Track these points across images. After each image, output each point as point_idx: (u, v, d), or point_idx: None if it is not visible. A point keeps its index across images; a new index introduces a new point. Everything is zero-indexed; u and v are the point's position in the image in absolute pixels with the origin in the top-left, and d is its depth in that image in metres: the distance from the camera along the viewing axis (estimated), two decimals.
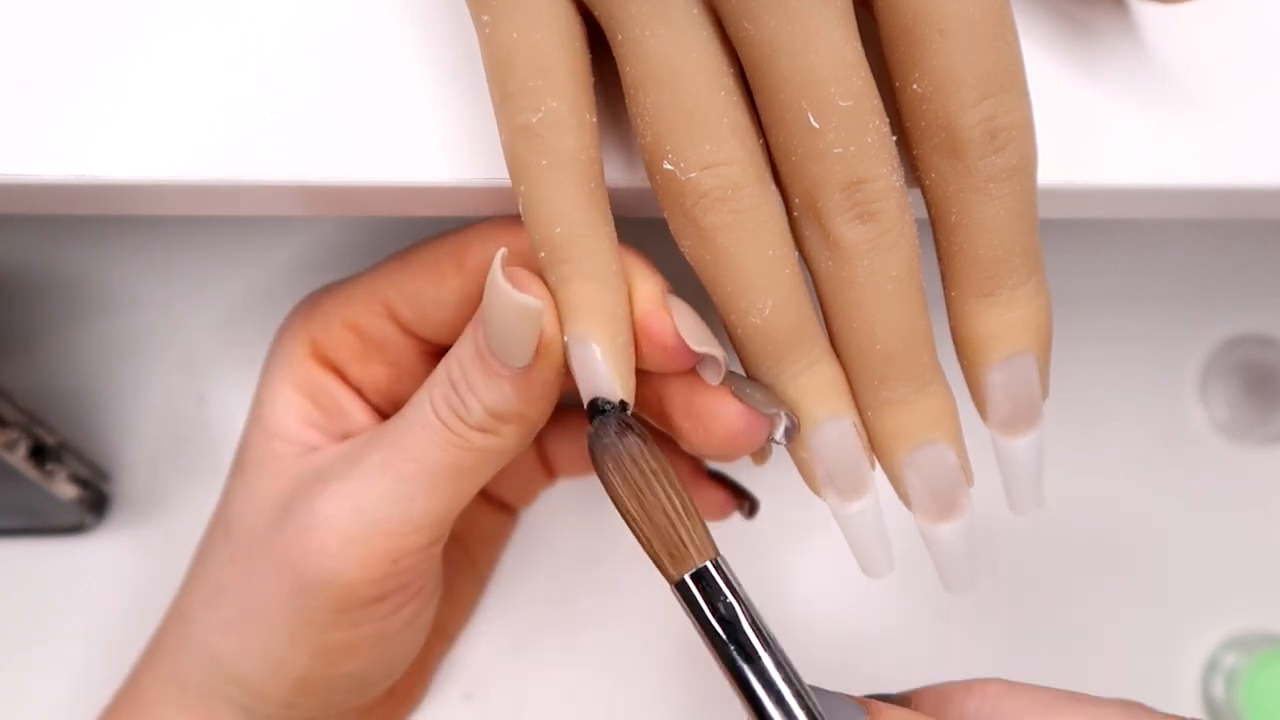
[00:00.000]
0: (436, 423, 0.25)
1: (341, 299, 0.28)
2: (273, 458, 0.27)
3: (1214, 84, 0.27)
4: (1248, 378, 0.42)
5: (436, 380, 0.25)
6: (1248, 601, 0.40)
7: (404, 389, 0.28)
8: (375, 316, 0.28)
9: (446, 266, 0.27)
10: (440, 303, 0.27)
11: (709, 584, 0.22)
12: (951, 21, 0.22)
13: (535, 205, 0.22)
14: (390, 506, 0.25)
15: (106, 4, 0.24)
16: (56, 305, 0.38)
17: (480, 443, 0.25)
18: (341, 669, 0.27)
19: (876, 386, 0.23)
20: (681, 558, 0.22)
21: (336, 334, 0.28)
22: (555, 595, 0.38)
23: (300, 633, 0.26)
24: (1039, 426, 0.24)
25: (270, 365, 0.29)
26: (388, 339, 0.28)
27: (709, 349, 0.23)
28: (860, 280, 0.22)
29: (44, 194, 0.24)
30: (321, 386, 0.28)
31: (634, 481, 0.23)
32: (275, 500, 0.27)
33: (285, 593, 0.26)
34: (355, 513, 0.25)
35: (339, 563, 0.25)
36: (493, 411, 0.24)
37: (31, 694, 0.36)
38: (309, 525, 0.25)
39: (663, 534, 0.22)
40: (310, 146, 0.24)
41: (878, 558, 0.25)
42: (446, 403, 0.24)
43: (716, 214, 0.22)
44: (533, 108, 0.22)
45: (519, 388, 0.24)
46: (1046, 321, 0.24)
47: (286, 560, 0.26)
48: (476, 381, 0.24)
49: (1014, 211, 0.23)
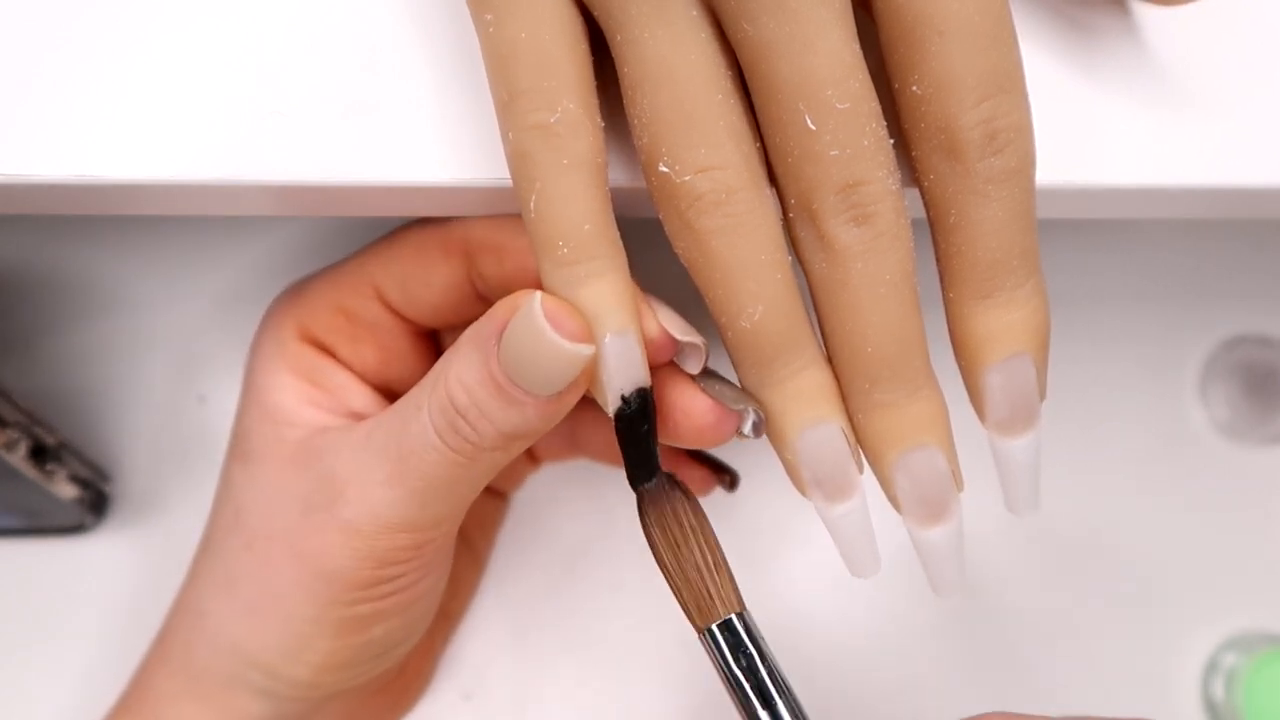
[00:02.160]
0: (443, 447, 0.24)
1: (328, 284, 0.28)
2: (280, 443, 0.27)
3: (1214, 84, 0.27)
4: (1248, 378, 0.42)
5: (437, 404, 0.24)
6: (1248, 601, 0.40)
7: (393, 370, 0.29)
8: (363, 299, 0.28)
9: (434, 251, 0.27)
10: (428, 285, 0.27)
11: (731, 635, 0.24)
12: (951, 23, 0.22)
13: (555, 203, 0.22)
14: (405, 513, 0.25)
15: (106, 4, 0.24)
16: (56, 305, 0.38)
17: (490, 460, 0.25)
18: (366, 635, 0.27)
19: (868, 389, 0.23)
20: (708, 610, 0.24)
21: (325, 317, 0.28)
22: (555, 595, 0.38)
23: (324, 610, 0.26)
24: (1036, 427, 0.24)
25: (259, 353, 0.29)
26: (377, 320, 0.28)
27: (691, 337, 0.24)
28: (854, 282, 0.22)
29: (44, 194, 0.24)
30: (316, 366, 0.28)
31: (673, 536, 0.24)
32: (290, 494, 0.27)
33: (308, 577, 0.26)
34: (371, 517, 0.25)
35: (362, 554, 0.26)
36: (508, 434, 0.24)
37: (32, 694, 0.36)
38: (329, 524, 0.26)
39: (693, 587, 0.24)
40: (310, 146, 0.24)
41: (864, 558, 0.25)
42: (453, 429, 0.24)
43: (710, 218, 0.22)
44: (548, 108, 0.22)
45: (544, 412, 0.24)
46: (1044, 323, 0.24)
47: (308, 551, 0.26)
48: (492, 409, 0.24)
49: (1012, 213, 0.23)
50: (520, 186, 0.22)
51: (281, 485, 0.27)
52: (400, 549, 0.26)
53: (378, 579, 0.26)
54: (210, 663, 0.28)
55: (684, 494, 0.25)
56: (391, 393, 0.30)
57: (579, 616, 0.38)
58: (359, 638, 0.27)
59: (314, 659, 0.27)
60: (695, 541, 0.24)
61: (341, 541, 0.26)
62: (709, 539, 0.24)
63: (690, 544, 0.24)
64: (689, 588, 0.24)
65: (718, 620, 0.24)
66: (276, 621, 0.27)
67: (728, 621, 0.24)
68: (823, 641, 0.38)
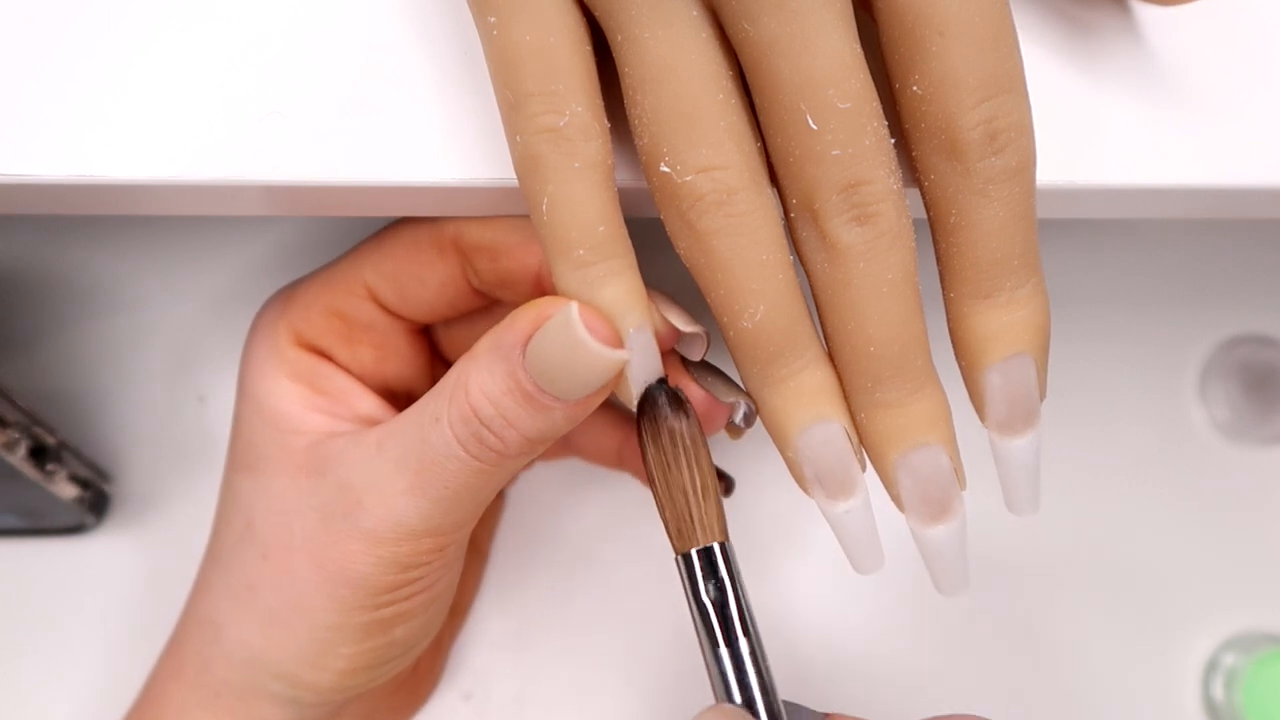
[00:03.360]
0: (468, 458, 0.24)
1: (318, 286, 0.28)
2: (287, 451, 0.27)
3: (1214, 84, 0.27)
4: (1248, 378, 0.42)
5: (459, 414, 0.24)
6: (1248, 601, 0.40)
7: (390, 369, 0.29)
8: (356, 299, 0.28)
9: (428, 249, 0.27)
10: (422, 283, 0.27)
11: (707, 564, 0.23)
12: (951, 24, 0.22)
13: (569, 207, 0.22)
14: (428, 520, 0.25)
15: (106, 4, 0.24)
16: (56, 305, 0.38)
17: (516, 464, 0.25)
18: (389, 636, 0.28)
19: (870, 389, 0.23)
20: (688, 535, 0.24)
21: (318, 321, 0.28)
22: (555, 595, 0.38)
23: (348, 615, 0.27)
24: (1037, 427, 0.24)
25: (254, 360, 0.29)
26: (372, 320, 0.28)
27: (693, 327, 0.25)
28: (856, 282, 0.23)
29: (44, 194, 0.24)
30: (315, 371, 0.28)
31: (665, 453, 0.24)
32: (305, 504, 0.27)
33: (330, 584, 0.26)
34: (394, 526, 0.25)
35: (386, 560, 0.26)
36: (534, 439, 0.24)
37: (31, 694, 0.36)
38: (351, 534, 0.26)
39: (677, 509, 0.24)
40: (310, 146, 0.24)
41: (866, 555, 0.25)
42: (478, 439, 0.24)
43: (712, 218, 0.22)
44: (556, 111, 0.22)
45: (571, 415, 0.24)
46: (1045, 322, 0.24)
47: (330, 559, 0.26)
48: (519, 417, 0.24)
49: (1013, 213, 0.23)
50: (530, 190, 0.22)
51: (295, 495, 0.27)
52: (423, 552, 0.26)
53: (400, 583, 0.26)
54: (228, 674, 0.28)
55: (686, 415, 0.24)
56: (390, 392, 0.30)
57: (579, 617, 0.38)
58: (381, 639, 0.27)
59: (338, 664, 0.27)
60: (687, 463, 0.24)
61: (364, 549, 0.26)
62: (702, 464, 0.24)
63: (682, 465, 0.24)
64: (673, 509, 0.24)
65: (696, 547, 0.24)
66: (299, 630, 0.27)
67: (707, 550, 0.24)
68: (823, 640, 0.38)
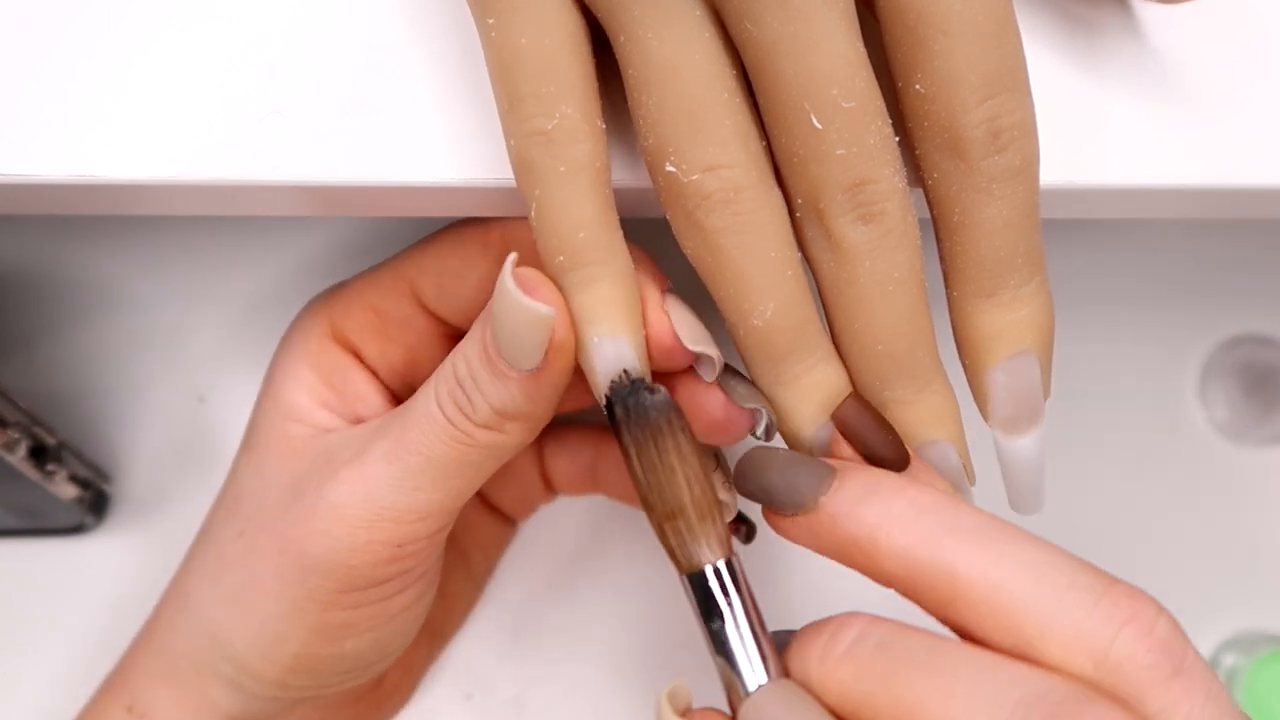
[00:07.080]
0: (442, 419, 0.25)
1: (365, 283, 0.29)
2: (285, 438, 0.28)
3: (1214, 84, 0.27)
4: (1248, 378, 0.42)
5: (443, 376, 0.25)
6: (1248, 601, 0.40)
7: (419, 372, 0.29)
8: (398, 296, 0.28)
9: (473, 246, 0.27)
10: (463, 279, 0.27)
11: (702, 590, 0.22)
12: (954, 22, 0.22)
13: (553, 211, 0.22)
14: (396, 496, 0.25)
15: (106, 4, 0.24)
16: (56, 305, 0.38)
17: (485, 439, 0.25)
18: (338, 648, 0.27)
19: (878, 387, 0.23)
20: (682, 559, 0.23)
21: (357, 315, 0.28)
22: (555, 595, 0.38)
23: (300, 608, 0.26)
24: (1041, 426, 0.24)
25: (286, 346, 0.29)
26: (408, 318, 0.28)
27: (704, 348, 0.24)
28: (862, 281, 0.23)
29: (44, 194, 0.24)
30: (336, 367, 0.28)
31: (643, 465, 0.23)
32: (285, 481, 0.27)
33: (289, 569, 0.26)
34: (363, 499, 0.25)
35: (345, 545, 0.25)
36: (499, 410, 0.24)
37: (31, 694, 0.35)
38: (316, 508, 0.26)
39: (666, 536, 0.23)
40: (310, 146, 0.24)
41: None
42: (453, 399, 0.24)
43: (719, 216, 0.22)
44: (546, 114, 0.22)
45: (527, 390, 0.24)
46: (1048, 321, 0.24)
47: (292, 539, 0.26)
48: (484, 381, 0.24)
49: (1017, 211, 0.23)
50: (523, 194, 0.23)
51: (278, 475, 0.27)
52: (383, 543, 0.25)
53: (354, 581, 0.26)
54: (188, 648, 0.28)
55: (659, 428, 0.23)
56: None
57: (579, 617, 0.38)
58: (329, 649, 0.27)
59: (282, 659, 0.27)
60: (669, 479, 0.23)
61: (326, 528, 0.25)
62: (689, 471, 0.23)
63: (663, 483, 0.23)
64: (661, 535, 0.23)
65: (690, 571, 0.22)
66: (254, 612, 0.27)
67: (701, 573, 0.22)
68: None
